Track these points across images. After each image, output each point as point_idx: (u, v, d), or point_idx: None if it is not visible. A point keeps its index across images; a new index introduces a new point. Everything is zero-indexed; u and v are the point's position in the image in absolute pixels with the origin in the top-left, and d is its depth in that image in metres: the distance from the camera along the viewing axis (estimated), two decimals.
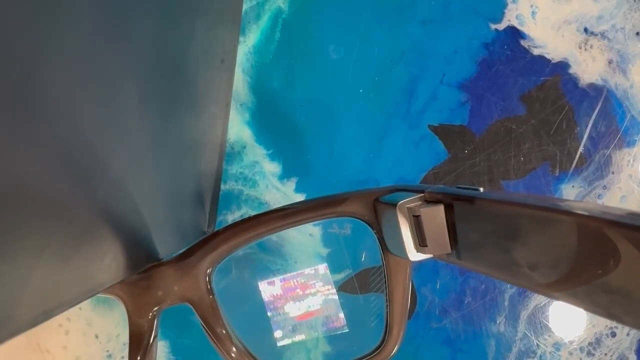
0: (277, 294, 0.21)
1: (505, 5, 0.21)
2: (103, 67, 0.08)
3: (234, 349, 0.17)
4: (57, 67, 0.07)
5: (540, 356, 0.23)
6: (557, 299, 0.09)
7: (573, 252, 0.09)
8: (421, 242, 0.13)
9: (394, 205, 0.14)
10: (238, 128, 0.21)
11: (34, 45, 0.06)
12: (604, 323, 0.23)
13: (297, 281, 0.22)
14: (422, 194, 0.13)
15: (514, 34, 0.21)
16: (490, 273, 0.11)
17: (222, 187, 0.21)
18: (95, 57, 0.08)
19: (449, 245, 0.12)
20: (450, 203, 0.12)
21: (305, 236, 0.22)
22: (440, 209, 0.12)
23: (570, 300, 0.09)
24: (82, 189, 0.09)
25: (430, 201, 0.13)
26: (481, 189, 0.12)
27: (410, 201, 0.13)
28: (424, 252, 0.13)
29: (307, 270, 0.22)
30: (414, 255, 0.14)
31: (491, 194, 0.11)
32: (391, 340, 0.17)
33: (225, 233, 0.16)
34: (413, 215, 0.13)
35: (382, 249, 0.16)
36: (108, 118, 0.09)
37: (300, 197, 0.21)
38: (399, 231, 0.14)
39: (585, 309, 0.09)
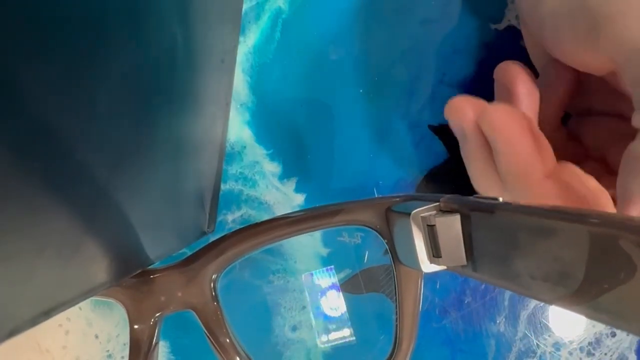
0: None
1: (505, 6, 0.21)
2: (103, 67, 0.08)
3: (238, 358, 0.16)
4: (57, 69, 0.07)
5: (540, 356, 0.23)
6: (580, 313, 0.09)
7: (600, 262, 0.08)
8: (435, 253, 0.13)
9: (408, 214, 0.13)
10: (238, 128, 0.21)
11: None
12: None
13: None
14: (437, 204, 0.13)
15: (514, 34, 0.21)
16: (508, 286, 0.11)
17: (222, 187, 0.21)
18: (93, 57, 0.08)
19: (464, 257, 0.12)
20: (467, 213, 0.12)
21: (305, 236, 0.21)
22: (456, 219, 0.12)
23: (593, 315, 0.09)
24: (83, 189, 0.09)
25: (446, 211, 0.13)
26: (500, 199, 0.11)
27: (424, 210, 0.13)
28: (438, 264, 0.13)
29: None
30: (427, 266, 0.13)
31: (512, 204, 0.11)
32: (400, 355, 0.16)
33: (233, 238, 0.16)
34: (427, 225, 0.13)
35: (393, 260, 0.16)
36: (107, 118, 0.09)
37: (300, 197, 0.21)
38: (412, 241, 0.13)
39: (609, 323, 0.09)
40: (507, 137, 0.15)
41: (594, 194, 0.15)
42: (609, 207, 0.15)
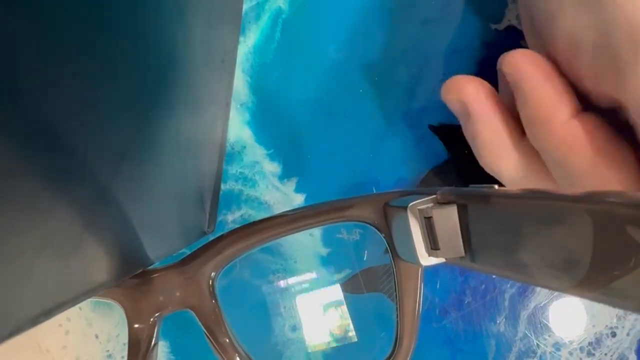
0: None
1: (505, 6, 0.21)
2: (102, 67, 0.08)
3: (238, 357, 0.16)
4: (56, 69, 0.07)
5: (540, 356, 0.23)
6: (590, 299, 0.09)
7: (605, 245, 0.08)
8: (433, 246, 0.13)
9: (405, 207, 0.13)
10: (238, 128, 0.21)
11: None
12: (604, 323, 0.23)
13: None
14: (434, 196, 0.13)
15: (514, 34, 0.21)
16: (509, 275, 0.11)
17: (222, 187, 0.21)
18: (94, 57, 0.08)
19: (462, 248, 0.12)
20: (464, 203, 0.12)
21: (305, 236, 0.22)
22: (453, 210, 0.12)
23: (606, 300, 0.08)
24: (83, 189, 0.09)
25: (443, 202, 0.13)
26: (496, 186, 0.11)
27: (421, 202, 0.13)
28: (436, 256, 0.13)
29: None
30: (426, 259, 0.13)
31: (507, 190, 0.11)
32: (401, 353, 0.16)
33: (231, 237, 0.16)
34: (424, 217, 0.13)
35: (392, 255, 0.16)
36: (107, 118, 0.09)
37: (300, 197, 0.21)
38: (409, 234, 0.13)
39: (622, 307, 0.08)
40: (532, 78, 0.15)
41: (619, 141, 0.15)
42: (631, 163, 0.15)
